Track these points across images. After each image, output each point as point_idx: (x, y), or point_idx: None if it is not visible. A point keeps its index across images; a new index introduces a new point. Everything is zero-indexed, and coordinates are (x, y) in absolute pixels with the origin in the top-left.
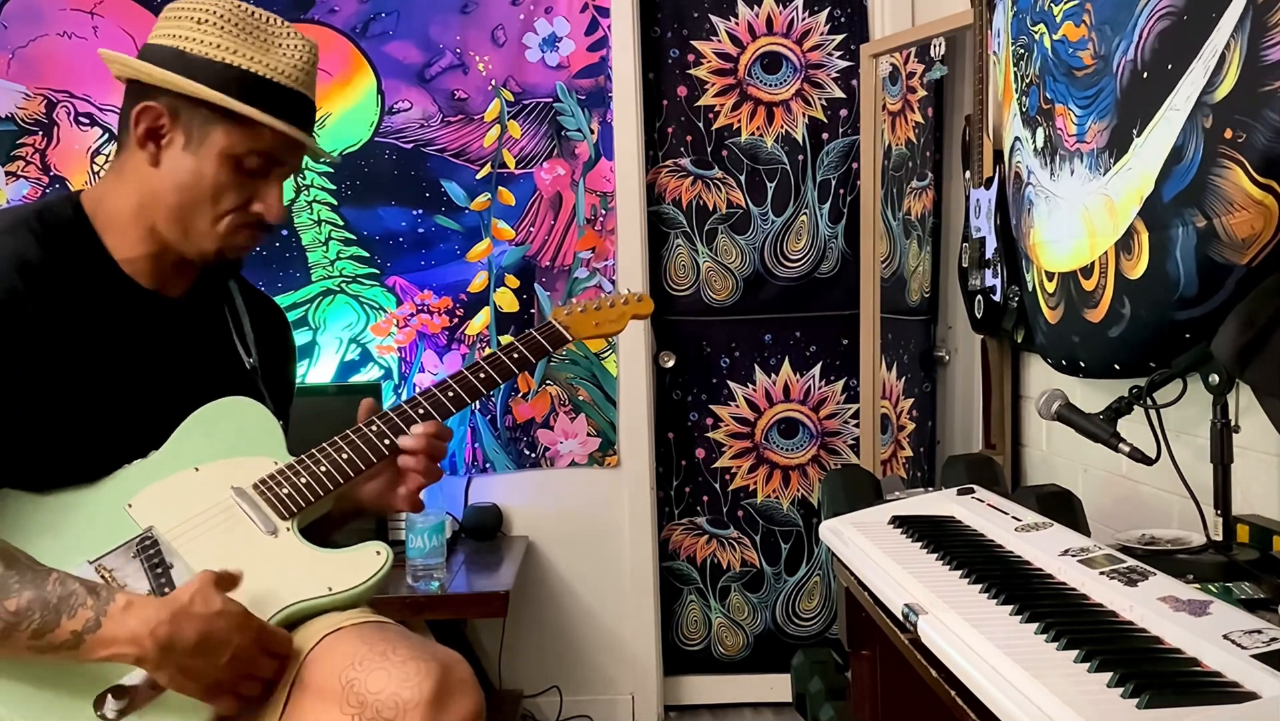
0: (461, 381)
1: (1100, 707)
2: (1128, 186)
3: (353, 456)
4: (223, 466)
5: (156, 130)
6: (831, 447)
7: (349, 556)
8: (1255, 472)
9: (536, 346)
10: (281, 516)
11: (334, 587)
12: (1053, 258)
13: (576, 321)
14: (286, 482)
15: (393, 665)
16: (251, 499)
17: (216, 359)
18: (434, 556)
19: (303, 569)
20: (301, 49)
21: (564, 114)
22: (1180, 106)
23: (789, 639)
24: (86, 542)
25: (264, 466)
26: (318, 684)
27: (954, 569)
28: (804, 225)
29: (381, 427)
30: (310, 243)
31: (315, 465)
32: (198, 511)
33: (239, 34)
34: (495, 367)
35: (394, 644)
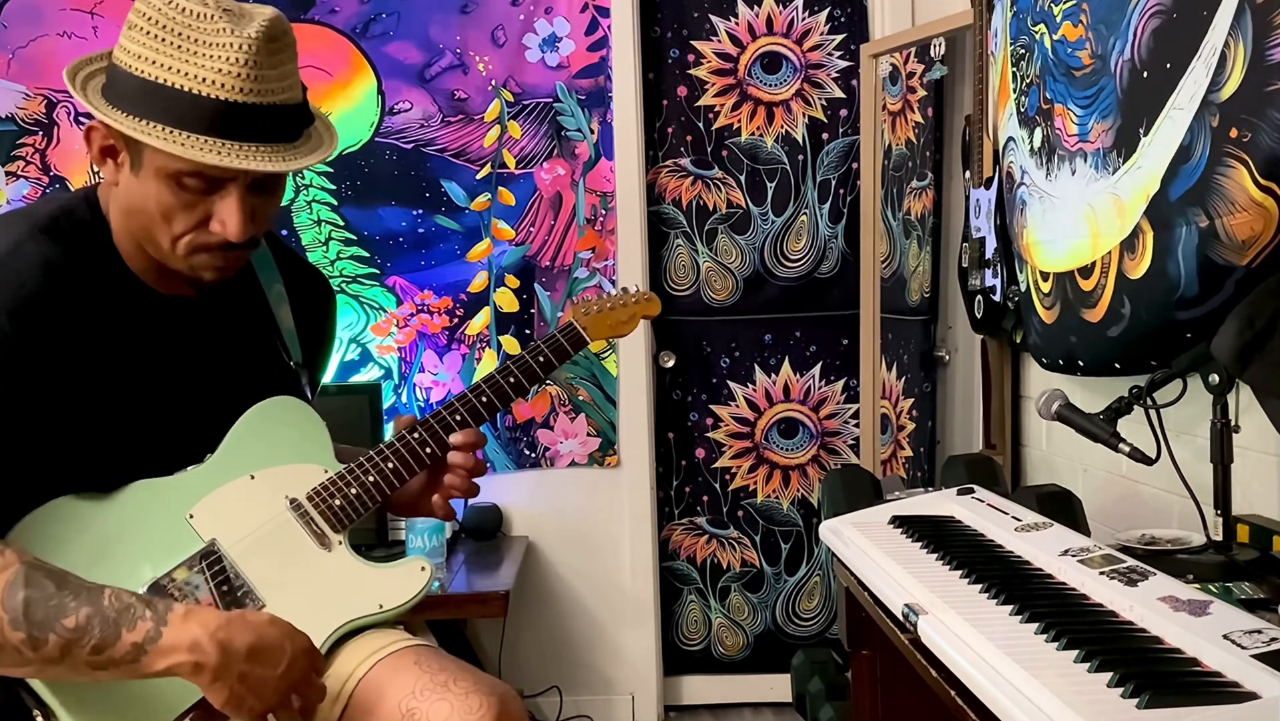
0: (494, 387)
1: (1100, 707)
2: (1136, 185)
3: (399, 466)
4: (276, 474)
5: (111, 149)
6: (831, 447)
7: (396, 572)
8: (1255, 472)
9: (560, 349)
10: (334, 529)
11: (384, 605)
12: (1048, 258)
13: (594, 323)
14: (338, 494)
15: (455, 697)
16: (306, 510)
17: (254, 356)
18: (434, 556)
19: (355, 585)
20: (232, 46)
21: (564, 114)
22: (1184, 105)
23: (789, 639)
24: (153, 553)
25: (315, 475)
26: (375, 709)
27: (954, 569)
28: (804, 225)
29: (424, 435)
30: (310, 243)
31: (364, 475)
32: (256, 524)
33: (164, 37)
34: (523, 371)
35: (454, 675)
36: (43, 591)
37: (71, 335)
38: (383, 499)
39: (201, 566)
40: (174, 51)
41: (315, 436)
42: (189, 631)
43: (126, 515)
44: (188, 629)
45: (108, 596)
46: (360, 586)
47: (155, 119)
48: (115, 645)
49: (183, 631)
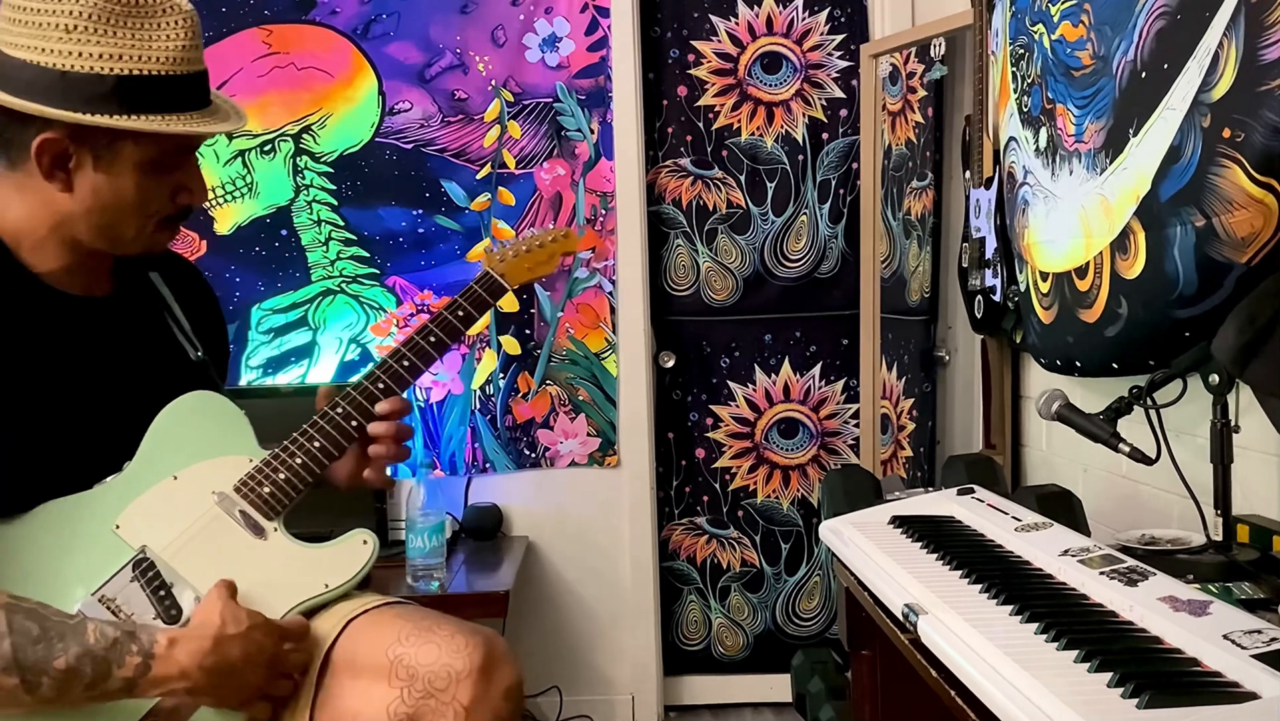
0: (415, 349)
1: (1100, 707)
2: (1123, 186)
3: (325, 444)
4: (200, 470)
5: (63, 156)
6: (831, 447)
7: (339, 549)
8: (1255, 472)
9: (479, 300)
10: (267, 516)
11: (330, 583)
12: (1048, 258)
13: (510, 268)
14: (266, 481)
15: (441, 639)
16: (235, 502)
17: (162, 354)
18: (434, 556)
19: (297, 568)
20: (179, 24)
21: (564, 114)
22: (1177, 106)
23: (789, 639)
24: (83, 571)
25: (240, 466)
26: (358, 661)
27: (954, 569)
28: (804, 225)
29: (347, 409)
30: (310, 243)
31: (291, 458)
32: (186, 524)
33: (115, 31)
34: (444, 329)
35: (436, 620)
36: (27, 635)
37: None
38: (314, 479)
39: (135, 575)
40: (133, 38)
41: (235, 426)
42: (176, 662)
43: (50, 536)
44: (175, 659)
45: (93, 633)
46: (303, 568)
47: (134, 110)
48: (107, 681)
49: (170, 663)
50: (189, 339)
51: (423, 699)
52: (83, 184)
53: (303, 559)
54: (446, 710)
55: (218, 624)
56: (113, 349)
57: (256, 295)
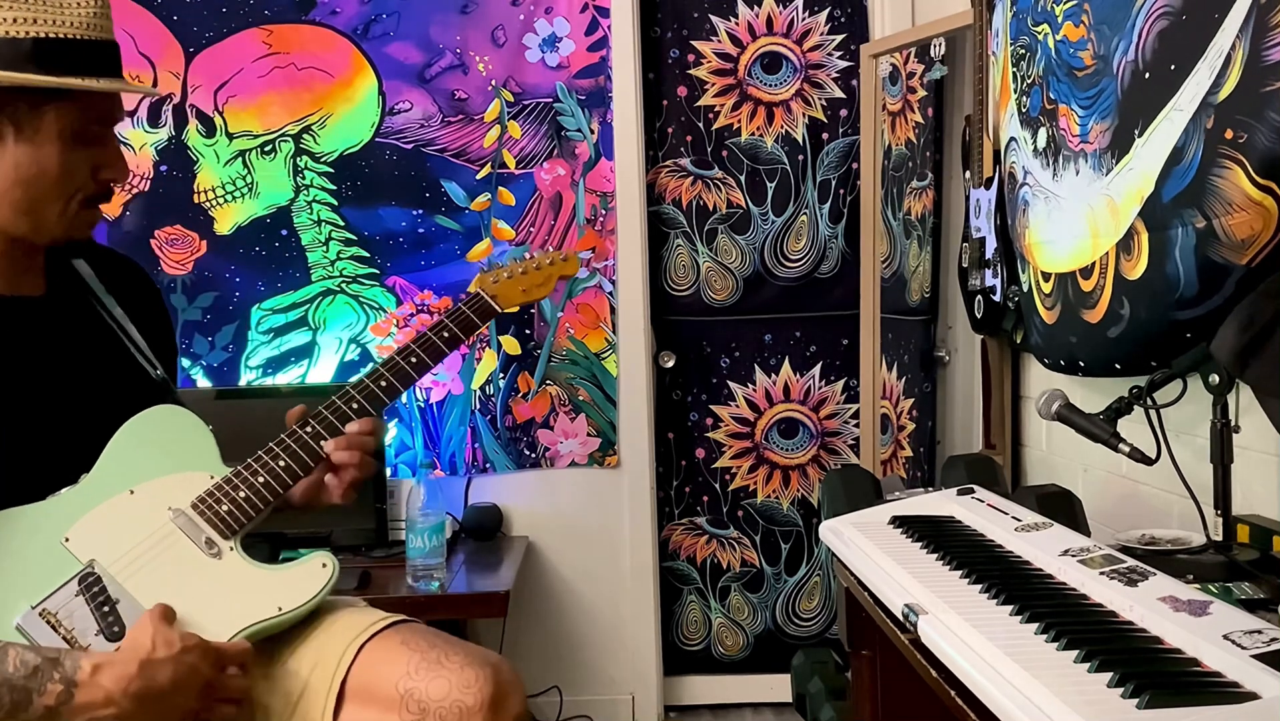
0: (394, 369)
1: (1100, 707)
2: (1128, 187)
3: (290, 463)
4: (157, 486)
5: None
6: (831, 447)
7: (295, 572)
8: (1255, 472)
9: (467, 322)
10: (223, 536)
11: (283, 606)
12: (1051, 258)
13: (504, 290)
14: (225, 499)
15: (451, 672)
16: (191, 519)
17: (107, 359)
18: (434, 556)
19: (250, 590)
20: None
21: (564, 114)
22: (1185, 107)
23: (789, 639)
24: (27, 584)
25: (200, 482)
26: (369, 692)
27: (954, 569)
28: (804, 225)
29: (317, 429)
30: (310, 243)
31: (253, 476)
32: (138, 540)
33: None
34: (427, 350)
35: (444, 651)
36: None
37: None
38: (275, 499)
39: (80, 590)
40: (42, 7)
41: (198, 442)
42: (100, 689)
43: None
44: (99, 685)
45: (12, 661)
46: (256, 590)
47: (60, 72)
48: (28, 709)
49: (94, 690)
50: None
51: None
52: (4, 159)
53: (256, 580)
54: None
55: (147, 647)
56: (51, 353)
57: (256, 295)
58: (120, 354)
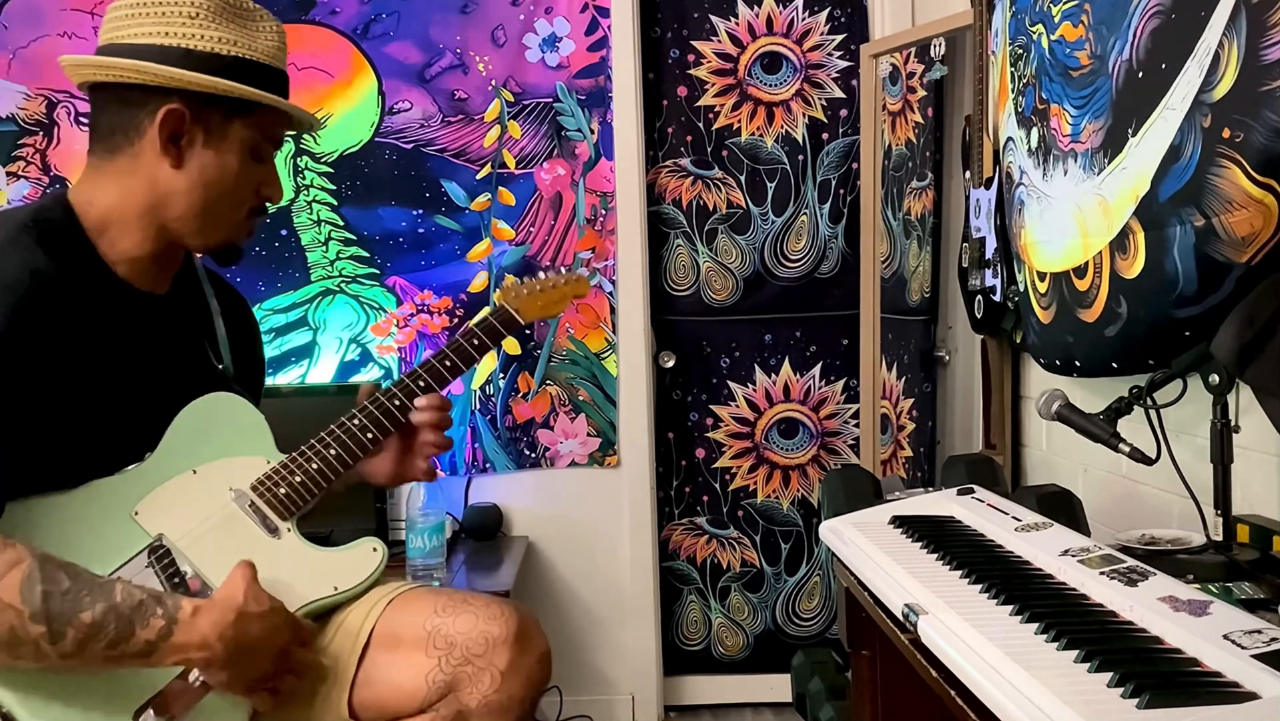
0: (431, 371)
1: (1100, 707)
2: (1122, 186)
3: (340, 452)
4: (219, 467)
5: (179, 132)
6: (831, 447)
7: (349, 555)
8: (1255, 472)
9: (494, 331)
10: (282, 517)
11: (339, 587)
12: (1045, 258)
13: (525, 304)
14: (283, 482)
15: (477, 609)
16: (251, 500)
17: (191, 356)
18: (434, 556)
19: (307, 569)
20: (274, 28)
21: (564, 114)
22: (1177, 106)
23: (789, 639)
24: (100, 554)
25: (258, 466)
26: (395, 635)
27: (954, 569)
28: (804, 225)
29: (364, 421)
30: (310, 243)
31: (307, 463)
32: (202, 517)
33: (229, 24)
34: (459, 355)
35: (468, 594)
36: (58, 586)
37: (58, 331)
38: (328, 484)
39: (151, 561)
40: (243, 32)
41: (256, 429)
42: (198, 630)
43: (71, 517)
44: (197, 628)
45: (119, 592)
46: (314, 570)
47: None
48: (129, 641)
49: (192, 631)
50: (219, 350)
51: (460, 665)
52: (192, 161)
53: (313, 560)
54: (484, 674)
55: (240, 600)
56: (156, 344)
57: (257, 295)
58: (196, 345)
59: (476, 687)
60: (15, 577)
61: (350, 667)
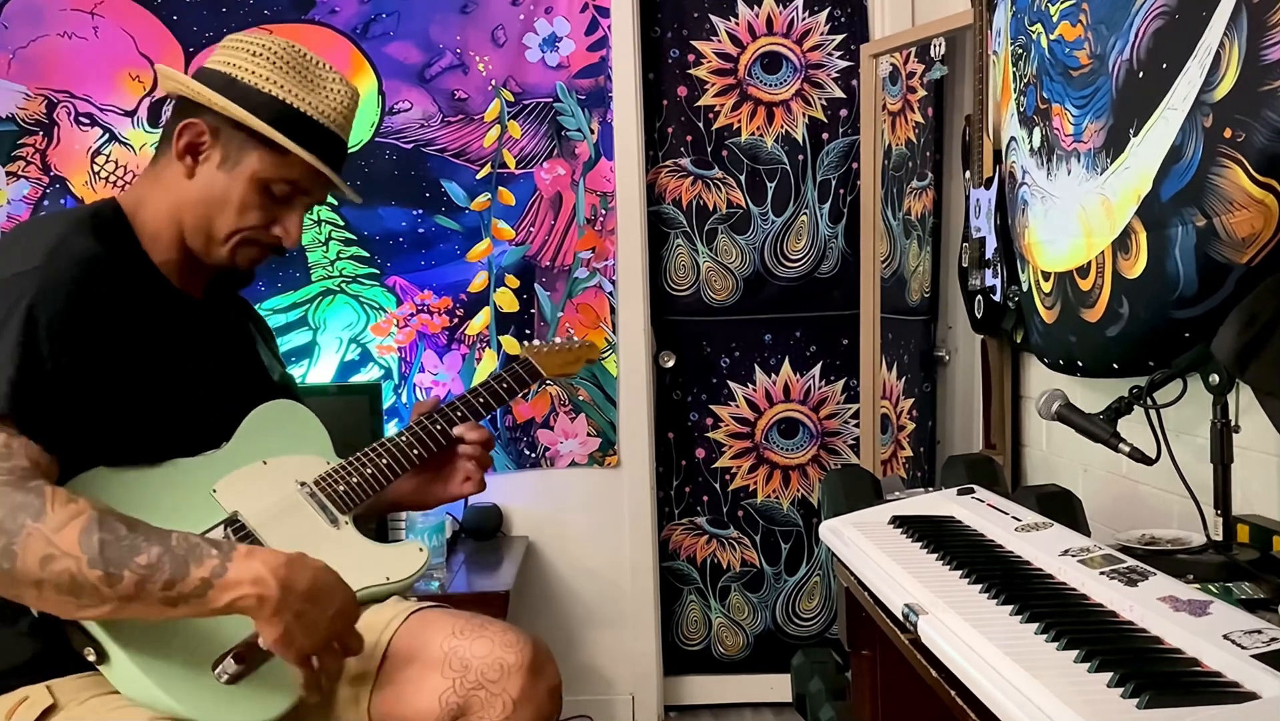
0: (466, 404)
1: (1100, 707)
2: (1124, 186)
3: (391, 462)
4: (286, 462)
5: (197, 146)
6: (831, 447)
7: (399, 550)
8: (1255, 472)
9: (519, 378)
10: (341, 511)
11: (391, 577)
12: (1048, 257)
13: (546, 361)
14: (342, 481)
15: (494, 635)
16: (315, 493)
17: (247, 361)
18: (434, 556)
19: (364, 558)
20: (343, 94)
21: (564, 114)
22: (1178, 106)
23: (789, 639)
24: (183, 520)
25: (320, 465)
26: (412, 653)
27: (954, 569)
28: (804, 225)
29: (410, 439)
30: (310, 243)
31: (363, 467)
32: (272, 501)
33: (288, 71)
34: (491, 394)
35: (485, 620)
36: (115, 533)
37: (112, 317)
38: (380, 488)
39: (228, 533)
40: (300, 83)
41: (318, 433)
42: (252, 567)
43: (156, 486)
44: (251, 565)
45: (175, 537)
46: (369, 560)
47: (277, 129)
48: (184, 580)
49: (246, 567)
50: (267, 360)
51: (474, 689)
52: (203, 175)
53: (368, 551)
54: (496, 701)
55: (299, 554)
56: (206, 342)
57: (257, 295)
58: (252, 356)
59: (488, 713)
60: (75, 527)
61: (371, 673)
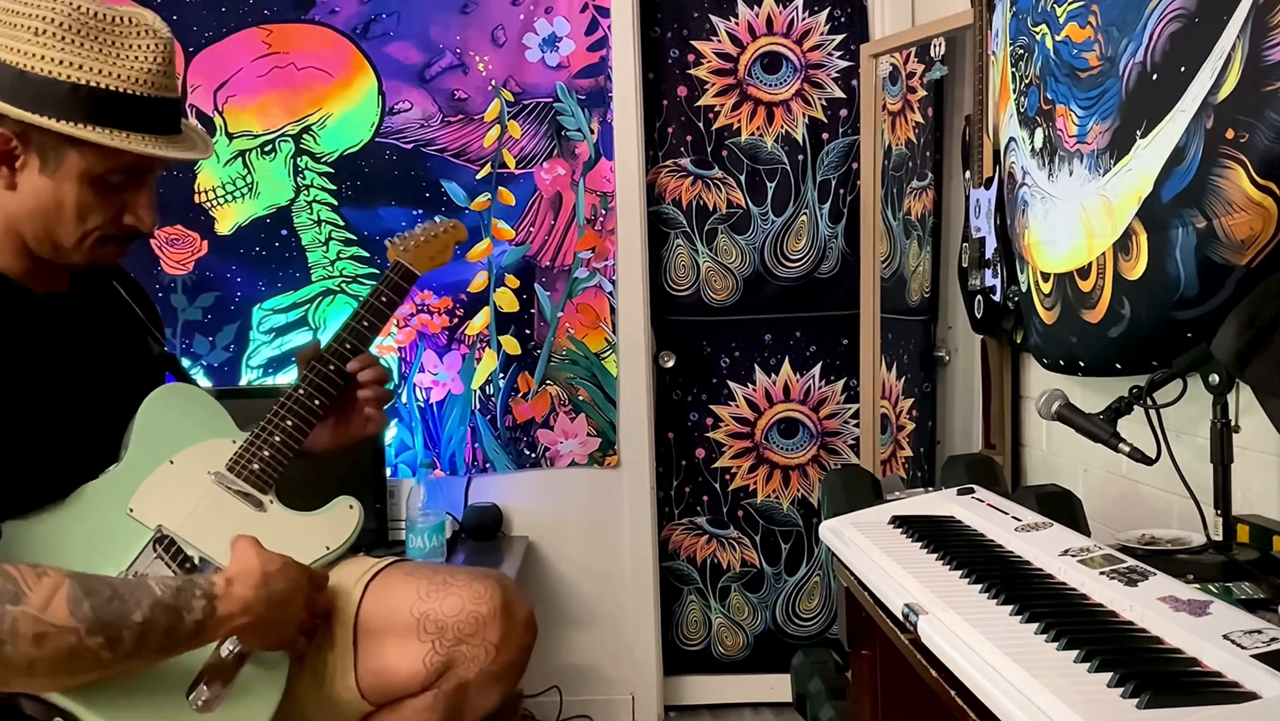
0: (353, 332)
1: (1100, 707)
2: (1126, 187)
3: (297, 422)
4: (192, 454)
5: (9, 154)
6: (831, 447)
7: (330, 516)
8: (1255, 472)
9: (398, 287)
10: (261, 490)
11: (331, 546)
12: (1049, 258)
13: (416, 257)
14: (254, 459)
15: (460, 588)
16: (230, 480)
17: (130, 347)
18: (434, 556)
19: (298, 535)
20: (153, 48)
21: (564, 114)
22: (1188, 108)
23: (789, 639)
24: (107, 556)
25: (226, 448)
26: (384, 623)
27: (954, 569)
28: (804, 225)
29: (309, 390)
30: (310, 243)
31: (270, 436)
32: (191, 502)
33: (82, 42)
34: (373, 313)
35: (447, 573)
36: (102, 596)
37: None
38: (294, 452)
39: (158, 552)
40: (99, 54)
41: (212, 412)
42: (236, 599)
43: (71, 528)
44: (236, 595)
45: (157, 585)
46: (302, 535)
47: (88, 120)
48: (179, 626)
49: (232, 601)
50: (149, 334)
51: (454, 645)
52: (26, 184)
53: (300, 526)
54: (479, 650)
55: (258, 563)
56: (78, 343)
57: (257, 295)
58: (134, 338)
59: (474, 662)
60: (61, 599)
61: (348, 643)
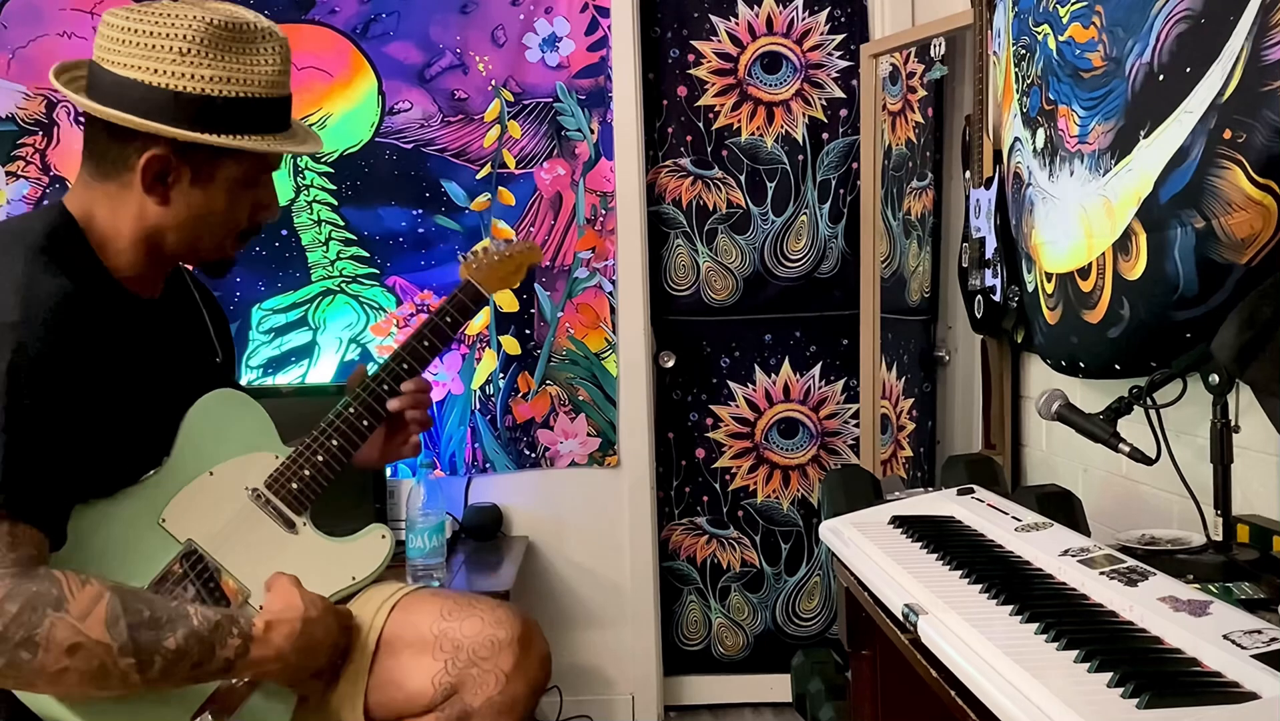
0: (412, 352)
1: (1100, 707)
2: (1125, 188)
3: (342, 442)
4: (233, 466)
5: (166, 173)
6: (831, 447)
7: (360, 544)
8: (1255, 472)
9: (464, 307)
10: (297, 511)
11: (357, 576)
12: (1051, 258)
13: (487, 278)
14: (294, 478)
15: (483, 612)
16: (267, 498)
17: (192, 354)
18: (434, 556)
19: (326, 562)
20: (276, 50)
21: (564, 114)
22: (1194, 109)
23: (789, 639)
24: (134, 565)
25: (268, 462)
26: (403, 640)
27: (954, 569)
28: (804, 225)
29: (359, 410)
30: (310, 243)
31: (313, 455)
32: (224, 518)
33: (222, 56)
34: (435, 334)
35: (473, 598)
36: (140, 617)
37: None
38: (335, 474)
39: (185, 567)
40: (239, 64)
41: (260, 423)
42: (271, 645)
43: (104, 531)
44: (270, 642)
45: (196, 616)
46: (331, 562)
47: (239, 130)
48: (211, 660)
49: (266, 646)
50: (210, 342)
51: (466, 667)
52: (178, 198)
53: (330, 552)
54: (489, 676)
55: (301, 607)
56: (160, 348)
57: (257, 295)
58: (202, 345)
59: (481, 689)
60: (100, 614)
61: (364, 669)
